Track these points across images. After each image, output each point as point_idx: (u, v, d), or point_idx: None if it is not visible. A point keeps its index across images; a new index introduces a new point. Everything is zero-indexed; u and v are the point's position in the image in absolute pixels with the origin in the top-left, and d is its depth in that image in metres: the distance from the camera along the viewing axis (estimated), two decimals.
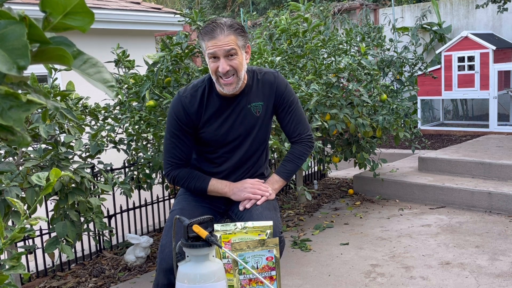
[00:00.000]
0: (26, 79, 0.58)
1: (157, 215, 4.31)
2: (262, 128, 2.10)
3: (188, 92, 2.04)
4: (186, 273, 1.48)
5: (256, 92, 2.07)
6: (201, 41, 1.94)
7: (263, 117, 2.08)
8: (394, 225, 3.80)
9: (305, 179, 5.41)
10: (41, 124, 2.33)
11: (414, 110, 4.87)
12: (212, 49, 1.89)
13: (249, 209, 2.02)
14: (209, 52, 1.90)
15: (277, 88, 2.09)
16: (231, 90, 1.95)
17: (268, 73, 2.11)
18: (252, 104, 2.06)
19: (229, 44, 1.89)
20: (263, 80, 2.08)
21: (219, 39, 1.88)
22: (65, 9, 0.56)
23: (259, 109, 2.07)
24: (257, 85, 2.08)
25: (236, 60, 1.92)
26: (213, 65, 1.91)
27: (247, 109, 2.05)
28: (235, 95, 2.04)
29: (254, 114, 2.06)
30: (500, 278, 2.76)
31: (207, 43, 1.91)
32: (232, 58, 1.91)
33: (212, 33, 1.89)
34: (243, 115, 2.05)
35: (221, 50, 1.88)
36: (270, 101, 2.09)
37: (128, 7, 5.32)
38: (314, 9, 6.85)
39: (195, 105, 2.01)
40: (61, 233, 2.42)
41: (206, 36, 1.91)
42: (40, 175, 1.09)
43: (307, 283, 2.86)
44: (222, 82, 1.93)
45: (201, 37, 1.93)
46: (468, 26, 8.06)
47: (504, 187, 4.05)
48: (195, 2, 13.88)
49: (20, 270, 1.08)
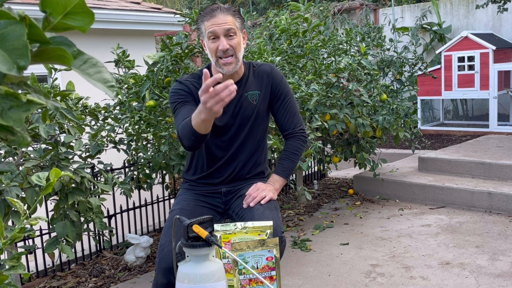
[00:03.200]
0: (26, 79, 0.58)
1: (157, 215, 4.31)
2: (259, 116, 2.13)
3: (187, 78, 2.11)
4: (186, 273, 1.48)
5: (252, 82, 2.12)
6: (201, 23, 1.99)
7: (260, 105, 2.12)
8: (394, 225, 3.80)
9: (305, 179, 5.41)
10: (41, 124, 2.33)
11: (414, 110, 4.86)
12: (212, 28, 1.94)
13: (250, 208, 2.02)
14: (209, 31, 1.95)
15: (273, 78, 2.14)
16: (231, 70, 1.98)
17: (264, 65, 2.17)
18: (249, 92, 2.10)
19: (228, 23, 1.95)
20: (259, 70, 2.14)
21: (219, 18, 1.94)
22: (65, 9, 0.56)
23: (255, 97, 2.11)
24: (253, 75, 2.13)
25: (235, 40, 1.97)
26: (213, 45, 1.96)
27: (244, 97, 2.09)
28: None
29: (251, 102, 2.10)
30: (500, 278, 2.76)
31: (206, 24, 1.96)
32: (231, 38, 1.96)
33: (212, 13, 1.95)
34: (240, 104, 2.09)
35: (221, 28, 1.94)
36: (267, 91, 2.13)
37: (128, 7, 5.32)
38: (314, 9, 6.85)
39: (194, 87, 2.06)
40: (61, 233, 2.42)
41: (205, 16, 1.97)
42: (40, 175, 1.09)
43: (307, 283, 2.86)
44: (221, 62, 1.97)
45: (201, 18, 1.99)
46: (468, 26, 8.06)
47: (504, 187, 4.05)
48: (195, 2, 13.88)
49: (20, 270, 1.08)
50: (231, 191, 2.16)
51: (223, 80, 1.99)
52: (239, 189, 2.15)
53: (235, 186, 2.16)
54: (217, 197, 2.16)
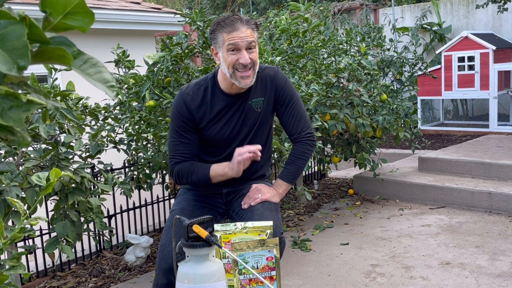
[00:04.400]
0: (26, 79, 0.58)
1: (157, 215, 4.31)
2: (264, 122, 2.09)
3: (191, 90, 2.04)
4: (186, 273, 1.48)
5: (257, 88, 2.06)
6: (218, 33, 1.92)
7: (264, 111, 2.07)
8: (394, 225, 3.80)
9: (305, 179, 5.41)
10: (41, 124, 2.33)
11: (414, 110, 4.87)
12: (235, 40, 1.88)
13: (250, 209, 2.02)
14: (230, 43, 1.89)
15: (277, 82, 2.08)
16: (248, 84, 1.95)
17: (268, 68, 2.10)
18: (253, 100, 2.05)
19: (250, 36, 1.91)
20: (263, 75, 2.07)
21: (242, 31, 1.89)
22: (65, 9, 0.56)
23: (260, 104, 2.06)
24: (258, 81, 2.07)
25: (255, 54, 1.93)
26: (233, 58, 1.90)
27: (249, 105, 2.05)
28: (240, 93, 2.03)
29: (256, 110, 2.06)
30: (500, 278, 2.76)
31: (226, 35, 1.90)
32: (251, 51, 1.92)
33: (233, 25, 1.89)
34: (245, 113, 2.05)
35: (244, 41, 1.89)
36: (271, 96, 2.08)
37: (128, 7, 5.32)
38: (314, 9, 6.85)
39: (197, 102, 2.01)
40: (61, 233, 2.42)
41: (226, 28, 1.90)
42: (40, 175, 1.09)
43: (307, 283, 2.86)
44: (239, 75, 1.92)
45: (219, 29, 1.92)
46: (468, 26, 8.06)
47: (504, 187, 4.05)
48: (195, 2, 13.88)
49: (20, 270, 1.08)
50: (232, 191, 2.15)
51: (232, 91, 2.01)
52: (241, 189, 2.14)
53: (236, 187, 2.15)
54: (218, 197, 2.15)
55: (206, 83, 2.05)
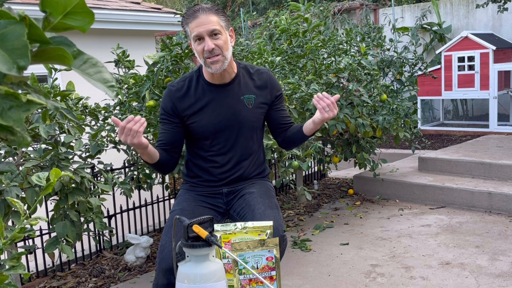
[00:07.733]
0: (26, 79, 0.58)
1: (157, 215, 4.31)
2: (256, 119, 2.13)
3: (176, 82, 2.13)
4: (186, 273, 1.48)
5: (248, 85, 2.12)
6: (186, 26, 1.99)
7: (255, 108, 2.12)
8: (394, 225, 3.80)
9: (305, 179, 5.41)
10: (41, 124, 2.33)
11: (414, 110, 4.87)
12: (196, 30, 1.93)
13: (251, 208, 2.02)
14: (194, 35, 1.95)
15: (273, 86, 2.16)
16: (218, 68, 1.98)
17: (261, 70, 2.18)
18: (245, 96, 2.10)
19: (212, 24, 1.94)
20: (257, 76, 2.14)
21: (202, 19, 1.93)
22: (65, 9, 0.56)
23: (251, 101, 2.12)
24: (249, 78, 2.13)
25: (221, 40, 1.96)
26: (199, 47, 1.96)
27: (241, 100, 2.09)
28: (226, 84, 2.08)
29: (247, 105, 2.11)
30: (500, 278, 2.76)
31: (191, 26, 1.95)
32: (216, 38, 1.95)
33: (194, 14, 1.94)
34: (235, 107, 2.08)
35: (205, 29, 1.93)
36: (264, 97, 2.14)
37: (128, 7, 5.32)
38: (314, 9, 6.85)
39: (181, 92, 2.07)
40: (61, 233, 2.42)
41: (189, 19, 1.96)
42: (40, 175, 1.09)
43: (307, 283, 2.86)
44: (209, 62, 1.97)
45: (185, 21, 1.98)
46: (468, 26, 8.06)
47: (504, 187, 4.05)
48: (195, 2, 13.88)
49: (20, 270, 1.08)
50: (232, 191, 2.15)
51: (214, 81, 2.02)
52: (241, 189, 2.15)
53: (236, 187, 2.15)
54: (218, 197, 2.15)
55: (191, 75, 2.12)
